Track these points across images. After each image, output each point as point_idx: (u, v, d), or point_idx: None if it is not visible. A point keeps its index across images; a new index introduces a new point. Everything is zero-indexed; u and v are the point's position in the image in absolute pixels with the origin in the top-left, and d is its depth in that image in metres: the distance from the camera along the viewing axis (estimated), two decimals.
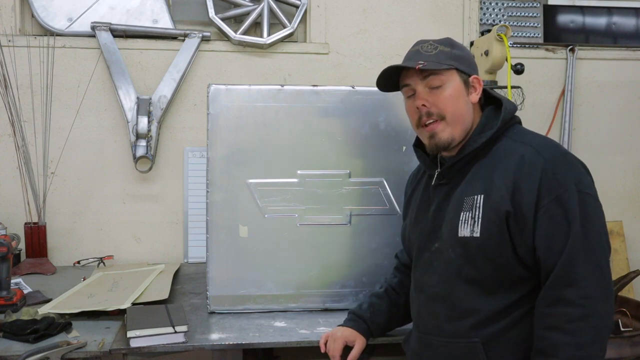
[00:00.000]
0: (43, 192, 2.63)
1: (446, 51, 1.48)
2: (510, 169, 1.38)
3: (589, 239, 1.32)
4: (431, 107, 1.46)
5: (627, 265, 2.99)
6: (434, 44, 1.49)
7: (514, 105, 1.52)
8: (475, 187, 1.42)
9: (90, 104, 2.70)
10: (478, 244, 1.39)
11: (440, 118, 1.46)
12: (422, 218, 1.56)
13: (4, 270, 1.94)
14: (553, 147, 1.41)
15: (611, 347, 2.01)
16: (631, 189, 3.09)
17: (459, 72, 1.48)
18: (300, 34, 2.93)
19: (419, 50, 1.49)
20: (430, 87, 1.46)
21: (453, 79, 1.47)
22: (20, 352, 1.58)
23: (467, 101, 1.48)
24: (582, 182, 1.36)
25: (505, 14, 3.05)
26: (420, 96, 1.47)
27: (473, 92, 1.50)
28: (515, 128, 1.49)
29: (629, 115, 3.07)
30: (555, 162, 1.36)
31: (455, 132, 1.47)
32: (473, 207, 1.40)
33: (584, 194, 1.34)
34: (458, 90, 1.47)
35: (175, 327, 1.66)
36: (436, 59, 1.45)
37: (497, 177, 1.39)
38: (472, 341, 1.40)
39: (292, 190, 1.93)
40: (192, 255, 2.72)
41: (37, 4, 2.68)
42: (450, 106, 1.46)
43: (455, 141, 1.47)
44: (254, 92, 1.91)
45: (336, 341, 1.65)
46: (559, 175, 1.35)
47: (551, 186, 1.34)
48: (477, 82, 1.50)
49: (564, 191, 1.33)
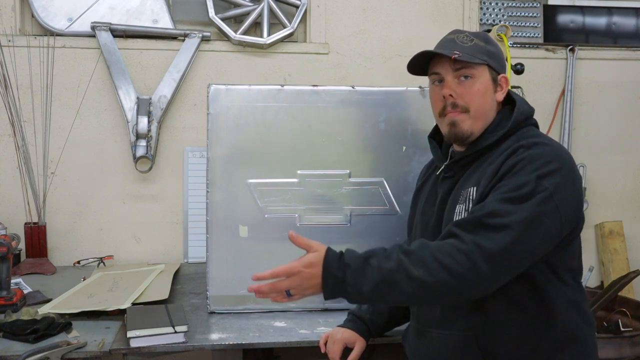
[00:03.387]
0: (43, 192, 2.63)
1: (481, 45, 1.47)
2: (501, 161, 1.38)
3: (517, 207, 1.26)
4: (457, 98, 1.45)
5: (627, 265, 2.99)
6: (470, 36, 1.48)
7: (530, 107, 1.52)
8: (471, 180, 1.43)
9: (90, 104, 2.70)
10: None
11: (465, 110, 1.45)
12: (428, 211, 1.56)
13: (4, 270, 1.94)
14: (547, 147, 1.37)
15: (611, 347, 2.01)
16: (631, 189, 3.09)
17: (489, 69, 1.47)
18: (300, 34, 2.93)
19: (455, 39, 1.48)
20: (460, 78, 1.46)
21: (484, 74, 1.46)
22: (20, 352, 1.58)
23: (493, 98, 1.48)
24: (548, 179, 1.30)
25: (505, 14, 3.05)
26: (449, 85, 1.46)
27: (499, 90, 1.50)
28: (527, 129, 1.47)
29: (629, 115, 3.07)
30: (537, 157, 1.33)
31: (476, 127, 1.46)
32: (467, 199, 1.41)
33: (542, 186, 1.29)
34: (486, 86, 1.47)
35: (175, 327, 1.66)
36: (471, 51, 1.44)
37: (489, 170, 1.39)
38: (465, 333, 1.40)
39: (292, 190, 1.93)
40: (192, 255, 2.72)
41: (37, 4, 2.68)
42: (477, 100, 1.45)
43: (474, 135, 1.46)
44: (254, 92, 1.91)
45: (336, 343, 1.65)
46: (531, 166, 1.31)
47: (517, 172, 1.31)
48: (504, 81, 1.50)
49: (524, 179, 1.30)
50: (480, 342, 1.38)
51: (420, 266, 1.24)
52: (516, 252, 1.27)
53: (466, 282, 1.24)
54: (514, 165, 1.34)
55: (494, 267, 1.25)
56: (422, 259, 1.25)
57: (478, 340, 1.38)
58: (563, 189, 1.31)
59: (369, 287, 1.25)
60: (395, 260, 1.26)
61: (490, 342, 1.38)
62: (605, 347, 2.00)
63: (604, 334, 2.18)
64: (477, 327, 1.39)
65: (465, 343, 1.40)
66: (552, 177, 1.31)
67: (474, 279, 1.24)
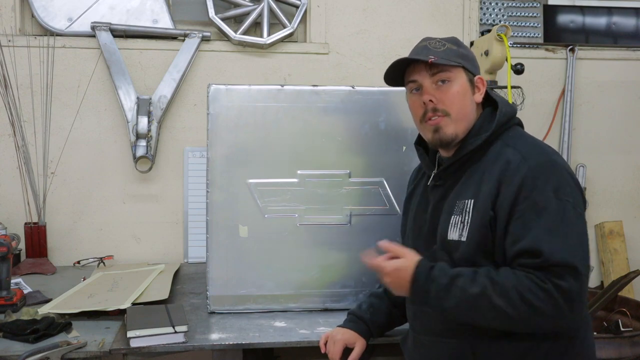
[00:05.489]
0: (43, 192, 2.63)
1: (454, 49, 1.48)
2: (495, 174, 1.38)
3: (568, 241, 1.29)
4: (438, 103, 1.46)
5: (627, 265, 2.99)
6: (442, 41, 1.49)
7: (512, 107, 1.52)
8: (467, 191, 1.43)
9: (90, 104, 2.70)
10: (464, 248, 1.39)
11: (446, 114, 1.46)
12: (421, 219, 1.56)
13: (4, 270, 1.94)
14: (541, 154, 1.38)
15: (611, 347, 2.01)
16: (631, 189, 3.10)
17: (465, 71, 1.48)
18: (300, 34, 2.93)
19: (427, 46, 1.49)
20: (437, 83, 1.46)
21: (460, 76, 1.47)
22: (20, 352, 1.58)
23: (472, 100, 1.49)
24: (563, 190, 1.33)
25: (505, 14, 3.05)
26: (428, 91, 1.47)
27: (477, 92, 1.50)
28: (512, 130, 1.48)
29: (629, 115, 3.07)
30: (539, 169, 1.34)
31: (459, 129, 1.47)
32: (463, 211, 1.41)
33: (564, 201, 1.32)
34: (464, 88, 1.47)
35: (175, 327, 1.66)
36: (445, 55, 1.46)
37: (484, 183, 1.39)
38: (460, 340, 1.40)
39: (292, 190, 1.93)
40: (192, 255, 2.72)
41: (37, 4, 2.68)
42: (457, 103, 1.46)
43: (458, 137, 1.47)
44: (254, 92, 1.91)
45: (336, 344, 1.64)
46: (540, 182, 1.33)
47: (530, 192, 1.32)
48: (480, 82, 1.51)
49: (541, 197, 1.31)
50: (475, 348, 1.39)
51: (502, 296, 1.29)
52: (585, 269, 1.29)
53: (547, 317, 1.28)
54: (521, 184, 1.33)
55: (570, 303, 1.27)
56: (505, 289, 1.29)
57: (473, 347, 1.39)
58: (570, 188, 1.34)
59: (451, 305, 1.34)
60: (481, 285, 1.31)
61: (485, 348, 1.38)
62: (605, 347, 1.99)
63: (604, 334, 2.18)
64: (472, 335, 1.39)
65: (461, 350, 1.41)
66: (566, 187, 1.34)
67: (554, 314, 1.27)
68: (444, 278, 1.35)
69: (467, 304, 1.32)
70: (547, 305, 1.26)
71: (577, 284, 1.26)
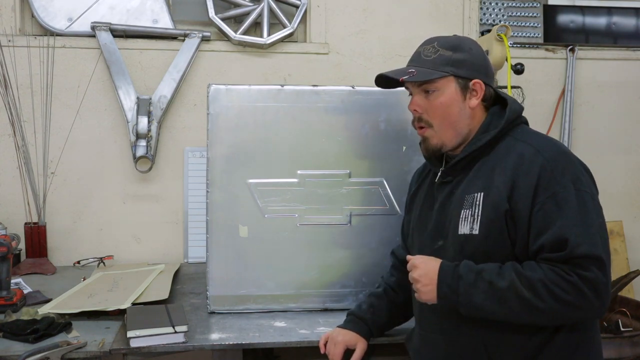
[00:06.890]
0: (43, 192, 2.63)
1: (446, 56, 1.47)
2: (509, 167, 1.38)
3: (590, 233, 1.30)
4: (423, 112, 1.49)
5: (627, 265, 2.99)
6: (437, 46, 1.48)
7: (520, 105, 1.52)
8: (476, 184, 1.43)
9: (90, 104, 2.70)
10: (477, 242, 1.39)
11: (429, 125, 1.49)
12: (426, 216, 1.56)
13: (4, 270, 1.94)
14: (554, 147, 1.41)
15: (611, 347, 2.01)
16: (631, 189, 3.10)
17: (456, 78, 1.47)
18: (300, 34, 2.93)
19: (421, 52, 1.50)
20: (425, 92, 1.48)
21: (448, 85, 1.47)
22: (20, 352, 1.58)
23: (462, 107, 1.48)
24: (580, 181, 1.35)
25: (505, 14, 3.05)
26: (414, 100, 1.51)
27: (473, 96, 1.48)
28: (520, 128, 1.48)
29: (629, 115, 3.07)
30: (555, 161, 1.36)
31: (445, 138, 1.48)
32: (473, 204, 1.41)
33: (582, 192, 1.34)
34: (451, 97, 1.47)
35: (175, 327, 1.66)
36: (432, 65, 1.46)
37: (497, 175, 1.40)
38: (473, 338, 1.40)
39: (292, 190, 1.93)
40: (192, 255, 2.72)
41: (37, 4, 2.68)
42: (439, 115, 1.47)
43: (446, 146, 1.49)
44: (254, 92, 1.91)
45: (337, 345, 1.64)
46: (557, 173, 1.34)
47: (548, 184, 1.33)
48: (478, 86, 1.48)
49: (560, 188, 1.33)
50: (489, 346, 1.39)
51: (530, 289, 1.29)
52: (608, 260, 1.31)
53: (575, 308, 1.29)
54: (539, 174, 1.35)
55: (597, 294, 1.28)
56: (532, 282, 1.29)
57: (486, 345, 1.39)
58: (585, 179, 1.38)
59: (481, 298, 1.33)
60: (508, 278, 1.32)
61: (498, 346, 1.38)
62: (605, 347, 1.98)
63: (604, 334, 2.17)
64: (485, 333, 1.39)
65: (474, 348, 1.40)
66: (583, 178, 1.37)
67: (583, 305, 1.29)
68: (470, 274, 1.35)
69: (495, 297, 1.32)
70: (575, 298, 1.27)
71: (602, 275, 1.28)
